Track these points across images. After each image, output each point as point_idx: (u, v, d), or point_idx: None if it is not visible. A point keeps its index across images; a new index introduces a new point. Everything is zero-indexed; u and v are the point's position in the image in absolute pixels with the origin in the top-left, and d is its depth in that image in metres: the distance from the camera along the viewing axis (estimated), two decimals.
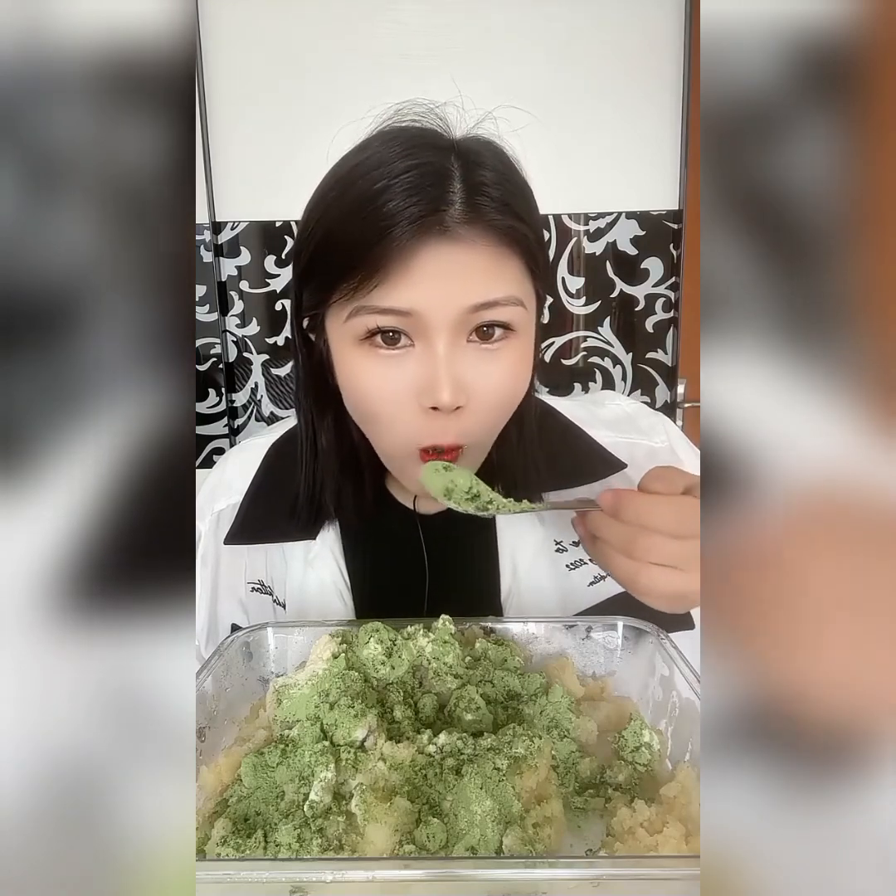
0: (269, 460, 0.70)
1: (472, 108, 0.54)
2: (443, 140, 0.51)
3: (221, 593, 0.70)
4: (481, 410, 0.52)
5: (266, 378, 1.68)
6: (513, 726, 0.45)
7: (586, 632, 0.56)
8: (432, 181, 0.47)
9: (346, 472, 0.63)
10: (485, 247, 0.48)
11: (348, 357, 0.52)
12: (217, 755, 0.47)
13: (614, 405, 0.73)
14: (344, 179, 0.51)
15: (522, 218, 0.50)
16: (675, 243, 1.60)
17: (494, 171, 0.50)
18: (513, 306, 0.50)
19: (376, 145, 0.51)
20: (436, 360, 0.49)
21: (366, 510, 0.64)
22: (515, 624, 0.57)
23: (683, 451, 0.70)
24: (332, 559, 0.66)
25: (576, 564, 0.65)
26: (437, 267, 0.47)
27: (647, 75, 1.53)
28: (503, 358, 0.52)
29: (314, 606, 0.65)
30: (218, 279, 1.62)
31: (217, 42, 1.53)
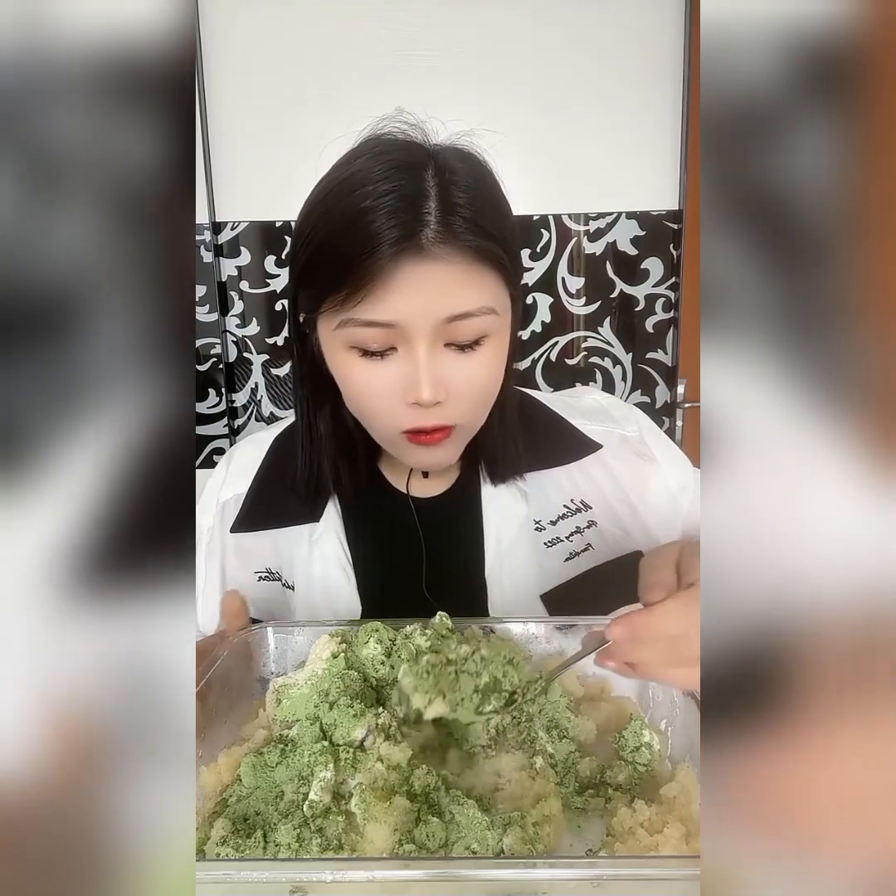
0: (273, 451, 0.75)
1: (452, 119, 0.57)
2: (421, 155, 0.55)
3: (229, 584, 0.73)
4: (461, 402, 0.57)
5: (266, 378, 1.68)
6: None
7: (586, 632, 0.55)
8: (409, 204, 0.52)
9: (342, 454, 0.68)
10: (458, 263, 0.53)
11: (339, 361, 0.58)
12: (217, 755, 0.47)
13: (590, 399, 0.78)
14: (332, 195, 0.55)
15: (493, 235, 0.54)
16: (675, 243, 1.59)
17: (468, 190, 0.54)
18: (486, 315, 0.55)
19: (360, 161, 0.55)
20: (417, 363, 0.54)
21: (362, 487, 0.70)
22: (515, 624, 0.57)
23: (653, 441, 0.73)
24: (335, 537, 0.70)
25: (552, 542, 0.70)
26: (416, 283, 0.52)
27: (647, 76, 1.53)
28: (479, 358, 0.56)
29: (320, 581, 0.69)
30: (218, 279, 1.62)
31: (217, 42, 1.53)
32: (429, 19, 1.51)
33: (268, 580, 0.72)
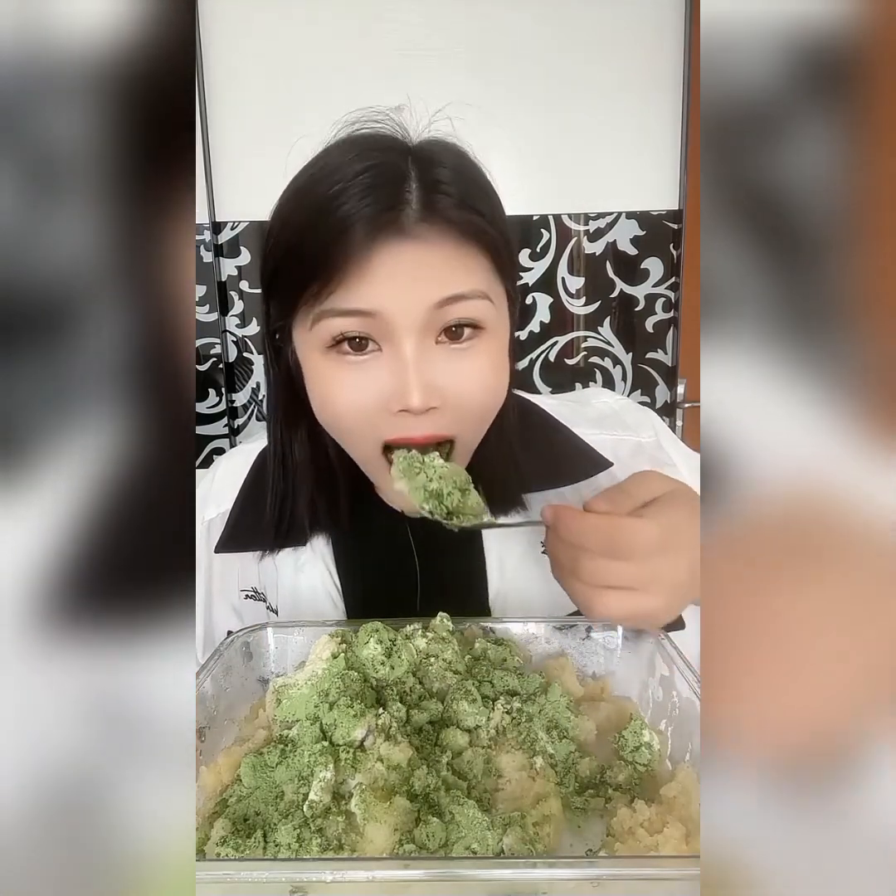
0: (255, 469, 0.70)
1: (426, 111, 0.54)
2: (399, 143, 0.50)
3: (215, 600, 0.70)
4: (457, 408, 0.50)
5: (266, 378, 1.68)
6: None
7: (586, 632, 0.56)
8: (387, 179, 0.46)
9: (322, 486, 0.61)
10: (445, 244, 0.47)
11: (316, 366, 0.51)
12: (217, 755, 0.47)
13: (600, 402, 0.72)
14: (300, 190, 0.51)
15: (482, 213, 0.48)
16: (675, 243, 1.60)
17: (452, 169, 0.49)
18: (479, 300, 0.49)
19: (331, 152, 0.51)
20: (404, 364, 0.47)
21: (343, 523, 0.63)
22: (515, 624, 0.57)
23: (671, 446, 0.69)
24: (323, 564, 0.66)
25: None
26: (397, 266, 0.46)
27: (647, 75, 1.53)
28: (475, 356, 0.50)
29: (306, 612, 0.65)
30: (218, 279, 1.62)
31: (217, 43, 1.53)
32: (429, 20, 1.51)
33: (254, 599, 0.69)
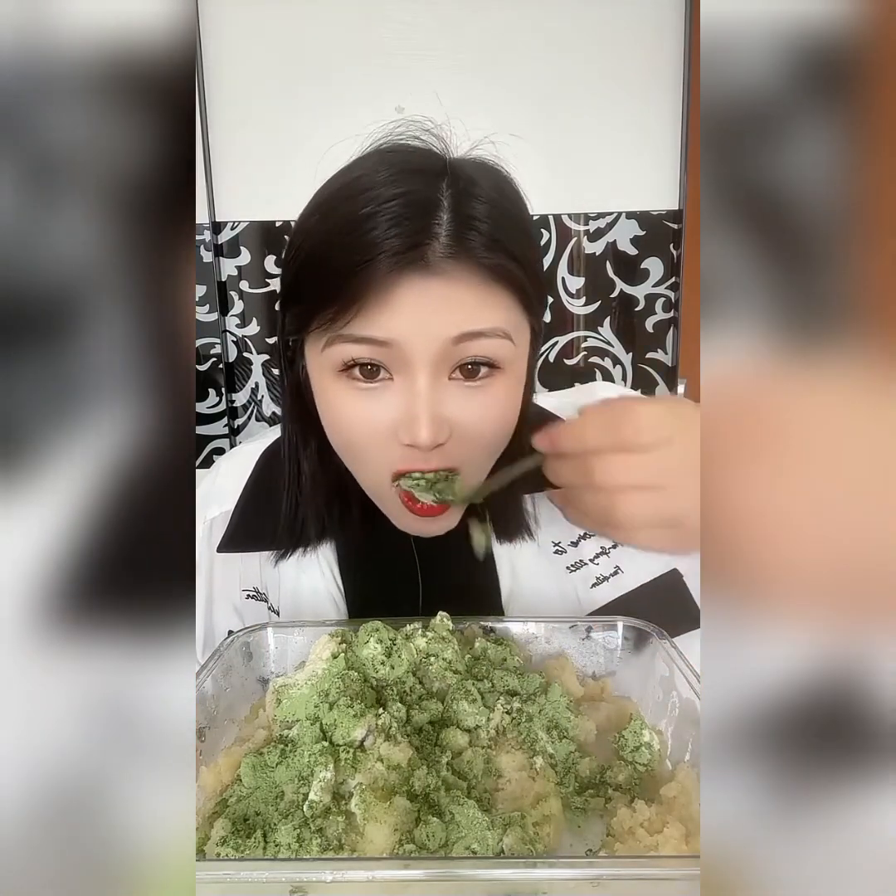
0: (259, 469, 0.69)
1: (472, 127, 0.52)
2: (436, 163, 0.49)
3: (216, 600, 0.70)
4: (465, 444, 0.49)
5: (266, 378, 1.68)
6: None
7: (586, 632, 0.56)
8: (418, 211, 0.45)
9: (331, 501, 0.61)
10: (470, 280, 0.46)
11: (326, 388, 0.51)
12: (217, 755, 0.47)
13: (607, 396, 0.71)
14: (328, 202, 0.49)
15: (514, 255, 0.47)
16: (675, 243, 1.59)
17: (488, 202, 0.47)
18: (499, 339, 0.47)
19: (365, 166, 0.49)
20: (416, 397, 0.47)
21: (352, 534, 0.63)
22: (515, 624, 0.57)
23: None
24: (326, 565, 0.65)
25: (576, 566, 0.64)
26: (419, 300, 0.45)
27: (647, 76, 1.53)
28: (488, 394, 0.49)
29: (307, 613, 0.65)
30: (218, 279, 1.62)
31: (217, 42, 1.53)
32: (429, 20, 1.51)
33: (255, 599, 0.68)
